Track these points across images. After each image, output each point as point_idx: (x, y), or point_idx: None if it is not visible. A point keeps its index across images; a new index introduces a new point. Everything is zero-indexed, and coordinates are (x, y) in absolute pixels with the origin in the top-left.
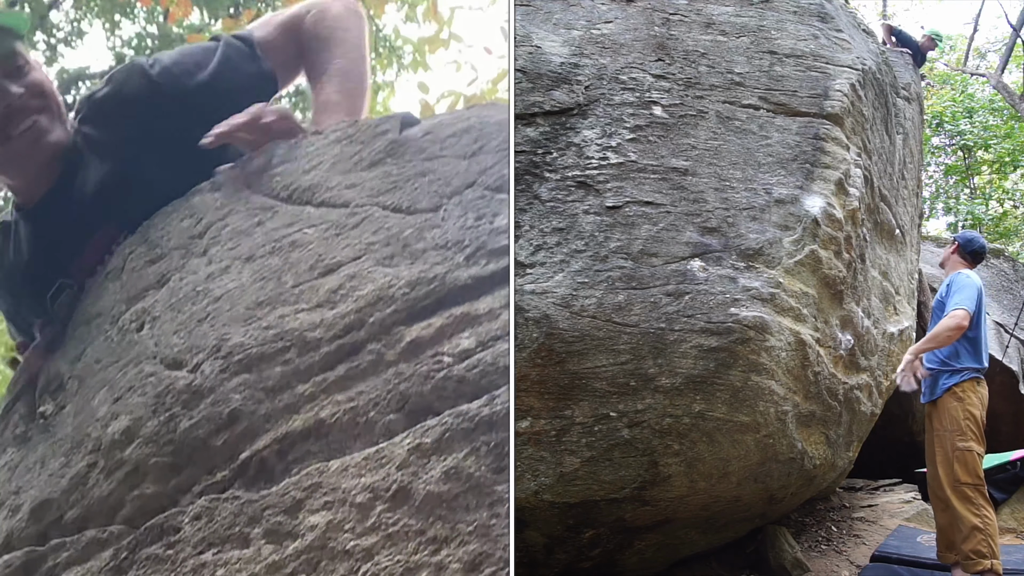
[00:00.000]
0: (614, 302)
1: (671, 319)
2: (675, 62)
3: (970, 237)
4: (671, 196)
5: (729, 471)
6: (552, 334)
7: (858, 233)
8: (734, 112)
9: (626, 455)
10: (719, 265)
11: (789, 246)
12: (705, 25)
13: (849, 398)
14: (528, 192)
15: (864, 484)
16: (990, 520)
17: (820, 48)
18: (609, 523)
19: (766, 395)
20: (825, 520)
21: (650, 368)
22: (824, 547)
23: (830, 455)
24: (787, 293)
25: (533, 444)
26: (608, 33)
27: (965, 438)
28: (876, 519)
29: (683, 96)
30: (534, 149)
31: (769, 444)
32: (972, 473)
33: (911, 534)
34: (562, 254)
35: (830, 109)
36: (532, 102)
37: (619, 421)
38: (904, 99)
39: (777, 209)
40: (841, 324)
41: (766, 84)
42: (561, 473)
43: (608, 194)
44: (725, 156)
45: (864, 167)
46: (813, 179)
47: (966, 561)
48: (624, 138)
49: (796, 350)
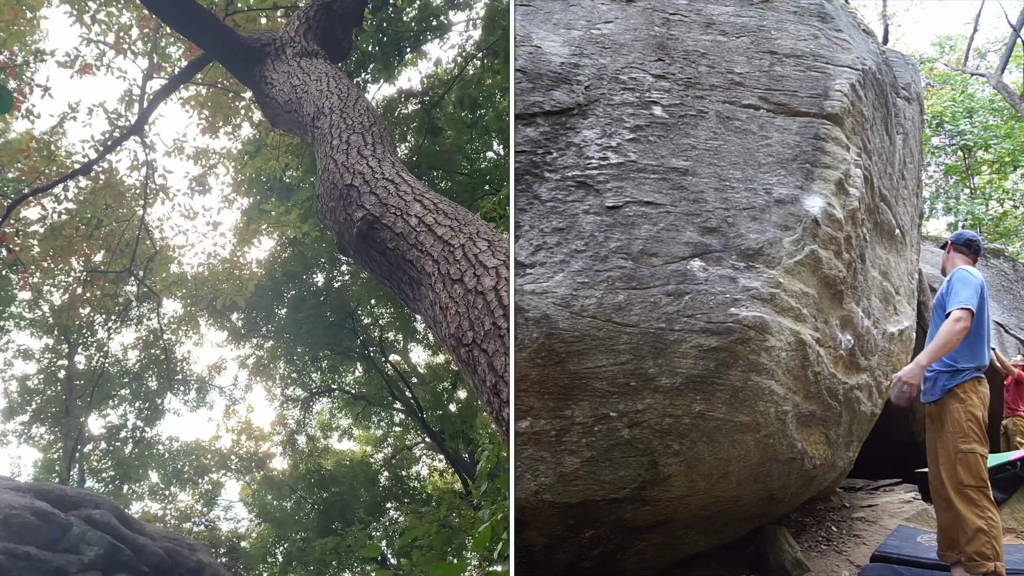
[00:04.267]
0: (614, 302)
1: (671, 319)
2: (675, 62)
3: (959, 232)
4: (671, 196)
5: (729, 471)
6: (552, 334)
7: (858, 233)
8: (734, 112)
9: (626, 455)
10: (719, 265)
11: (789, 246)
12: (705, 25)
13: (849, 398)
14: (528, 192)
15: (864, 484)
16: (994, 522)
17: (820, 48)
18: (609, 523)
19: (766, 395)
20: (825, 520)
21: (650, 368)
22: (824, 547)
23: (830, 455)
24: (787, 293)
25: (533, 444)
26: (608, 33)
27: (968, 440)
28: (876, 519)
29: (683, 96)
30: (534, 149)
31: (769, 444)
32: (976, 475)
33: (911, 534)
34: (562, 254)
35: (830, 109)
36: (532, 102)
37: (619, 421)
38: (904, 99)
39: (777, 209)
40: (841, 324)
41: (766, 84)
42: (561, 473)
43: (608, 194)
44: (725, 156)
45: (864, 167)
46: (813, 179)
47: (970, 563)
48: (624, 138)
49: (796, 350)
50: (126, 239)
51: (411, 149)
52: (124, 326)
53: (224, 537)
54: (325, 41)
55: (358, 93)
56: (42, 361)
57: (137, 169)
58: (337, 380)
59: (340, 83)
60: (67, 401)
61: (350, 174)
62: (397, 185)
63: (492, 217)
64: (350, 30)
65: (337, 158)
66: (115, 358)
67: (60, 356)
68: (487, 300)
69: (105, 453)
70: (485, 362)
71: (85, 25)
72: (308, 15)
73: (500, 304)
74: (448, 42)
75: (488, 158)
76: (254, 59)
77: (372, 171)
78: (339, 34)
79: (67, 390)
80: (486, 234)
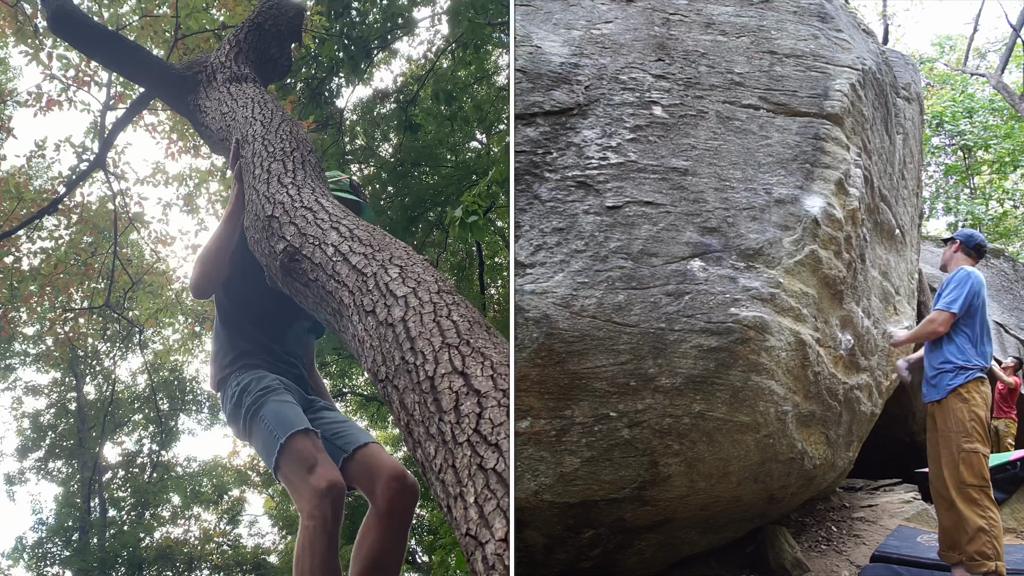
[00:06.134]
0: (614, 302)
1: (671, 319)
2: (675, 62)
3: (970, 233)
4: (671, 196)
5: (729, 471)
6: (552, 334)
7: (858, 233)
8: (734, 112)
9: (626, 455)
10: (719, 265)
11: (789, 246)
12: (705, 25)
13: (849, 398)
14: (528, 192)
15: (864, 484)
16: (995, 522)
17: (820, 48)
18: (609, 523)
19: (766, 395)
20: (825, 520)
21: (650, 368)
22: (824, 547)
23: (830, 455)
24: (787, 293)
25: (533, 444)
26: (608, 33)
27: (971, 440)
28: (876, 519)
29: (683, 96)
30: (534, 149)
31: (769, 444)
32: (978, 475)
33: (911, 534)
34: (562, 254)
35: (830, 109)
36: (532, 102)
37: (619, 421)
38: (904, 99)
39: (777, 209)
40: (841, 324)
41: (766, 84)
42: (561, 473)
43: (608, 194)
44: (725, 156)
45: (864, 167)
46: (813, 179)
47: (971, 562)
48: (624, 138)
49: (796, 350)
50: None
51: (394, 148)
52: (130, 352)
53: (249, 554)
54: (259, 62)
55: (282, 117)
56: (51, 395)
57: (111, 201)
58: (348, 383)
59: (265, 108)
60: (80, 432)
61: (271, 204)
62: (315, 213)
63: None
64: (286, 47)
65: (259, 188)
66: (124, 384)
67: (69, 388)
68: (396, 332)
69: (124, 481)
70: (397, 399)
71: (42, 63)
72: (239, 37)
73: (408, 336)
74: (417, 38)
75: (472, 148)
76: (188, 87)
77: (292, 200)
78: (274, 53)
79: (79, 421)
80: (399, 259)
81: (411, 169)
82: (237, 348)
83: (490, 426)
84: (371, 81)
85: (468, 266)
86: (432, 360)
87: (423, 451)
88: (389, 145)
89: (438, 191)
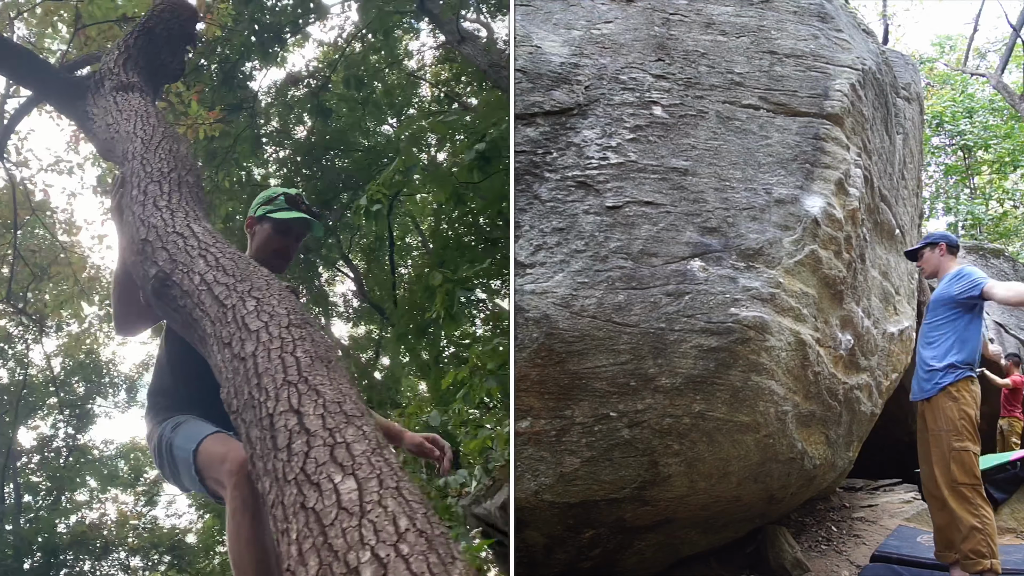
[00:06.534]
0: (614, 302)
1: (671, 319)
2: (675, 62)
3: (944, 233)
4: (671, 196)
5: (729, 471)
6: (552, 334)
7: (858, 233)
8: (734, 112)
9: (626, 455)
10: (719, 265)
11: (789, 246)
12: (705, 25)
13: (849, 398)
14: (528, 192)
15: (864, 484)
16: (988, 520)
17: (820, 48)
18: (609, 523)
19: (766, 395)
20: (825, 520)
21: (650, 368)
22: (824, 547)
23: (830, 455)
24: (787, 293)
25: (533, 444)
26: (608, 33)
27: (961, 438)
28: (876, 519)
29: (683, 96)
30: (534, 149)
31: (769, 444)
32: (969, 473)
33: (911, 534)
34: (562, 254)
35: (830, 109)
36: (532, 102)
37: (619, 421)
38: (904, 99)
39: (777, 209)
40: (841, 324)
41: (766, 84)
42: (561, 473)
43: (608, 194)
44: (725, 156)
45: (864, 167)
46: (813, 179)
47: (966, 561)
48: (624, 138)
49: (796, 350)
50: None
51: (307, 131)
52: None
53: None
54: (149, 68)
55: (163, 133)
56: None
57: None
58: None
59: (147, 123)
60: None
61: (145, 227)
62: (186, 239)
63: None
64: (179, 51)
65: (136, 210)
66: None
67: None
68: (247, 367)
69: (39, 465)
70: (244, 431)
71: None
72: (128, 43)
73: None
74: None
75: (384, 132)
76: (77, 94)
77: (164, 224)
78: (165, 58)
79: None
80: (258, 291)
81: (324, 152)
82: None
83: (314, 465)
84: (284, 64)
85: (379, 247)
86: (273, 397)
87: (262, 485)
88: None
89: (350, 175)
